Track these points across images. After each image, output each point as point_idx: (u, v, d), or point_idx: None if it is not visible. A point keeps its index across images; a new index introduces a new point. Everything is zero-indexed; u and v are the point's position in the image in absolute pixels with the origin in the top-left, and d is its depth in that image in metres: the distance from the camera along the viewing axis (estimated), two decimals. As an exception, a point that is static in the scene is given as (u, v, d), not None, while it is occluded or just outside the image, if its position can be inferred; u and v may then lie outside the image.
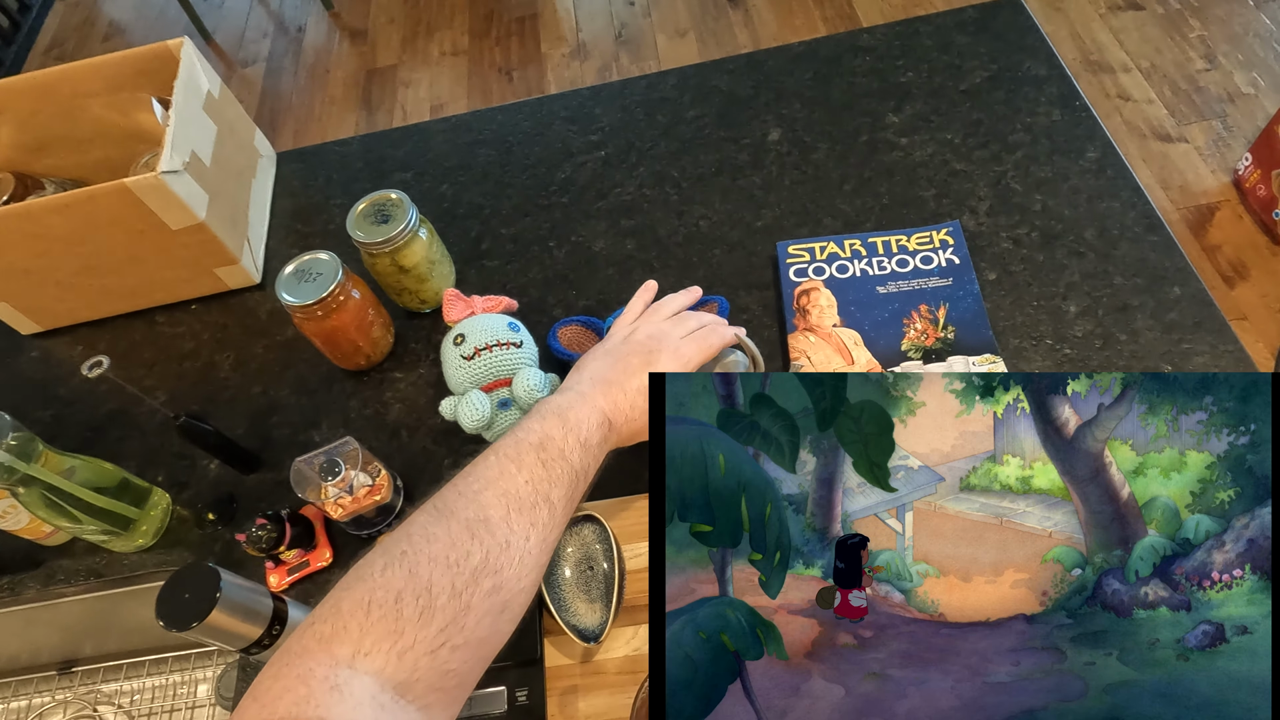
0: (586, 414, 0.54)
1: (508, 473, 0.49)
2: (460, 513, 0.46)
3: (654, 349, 0.61)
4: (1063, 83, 0.88)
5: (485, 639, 0.44)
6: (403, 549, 0.43)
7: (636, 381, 0.58)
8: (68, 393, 0.87)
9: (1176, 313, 0.71)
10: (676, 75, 0.99)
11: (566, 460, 0.51)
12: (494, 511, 0.46)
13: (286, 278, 0.73)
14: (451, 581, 0.42)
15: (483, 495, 0.47)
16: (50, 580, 0.76)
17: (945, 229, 0.77)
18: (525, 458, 0.50)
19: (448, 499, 0.47)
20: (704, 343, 0.63)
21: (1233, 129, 1.87)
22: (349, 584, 0.42)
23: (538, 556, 0.47)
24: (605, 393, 0.57)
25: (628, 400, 0.57)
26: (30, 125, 0.86)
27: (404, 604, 0.41)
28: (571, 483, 0.51)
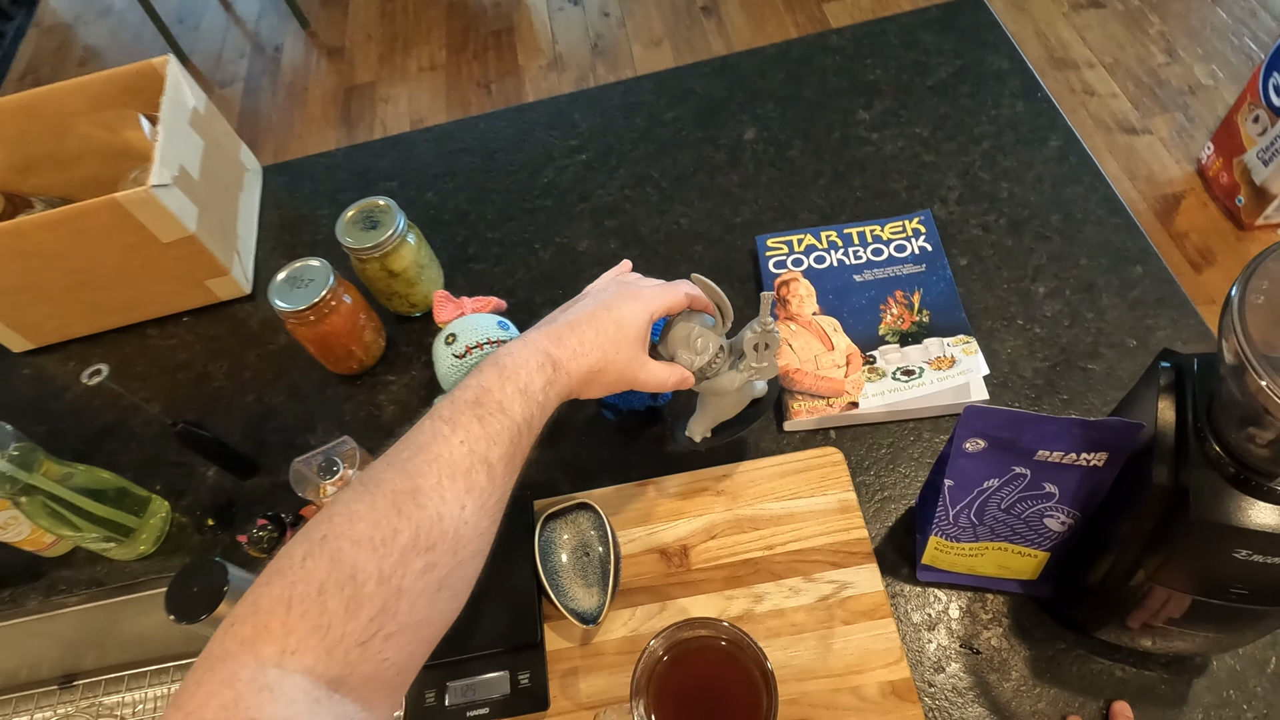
0: (525, 356, 0.49)
1: (440, 435, 0.44)
2: (386, 485, 0.42)
3: (611, 290, 0.56)
4: (1025, 76, 0.91)
5: (424, 621, 0.41)
6: (323, 533, 0.40)
7: (585, 316, 0.53)
8: (61, 407, 0.87)
9: (1140, 290, 0.74)
10: (653, 80, 1.01)
11: (505, 413, 0.46)
12: (424, 480, 0.42)
13: (279, 284, 0.75)
14: (379, 566, 0.39)
15: (412, 463, 0.43)
16: (52, 591, 0.77)
17: (917, 218, 0.80)
18: (460, 417, 0.45)
19: (375, 470, 0.43)
20: (669, 291, 0.57)
21: (1194, 120, 1.92)
22: (269, 578, 0.39)
23: (476, 525, 0.43)
24: (550, 332, 0.52)
25: (575, 336, 0.52)
26: (18, 145, 0.87)
27: (328, 596, 0.37)
28: (513, 438, 0.46)
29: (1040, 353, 0.72)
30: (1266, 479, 0.42)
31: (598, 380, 0.53)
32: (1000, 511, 0.55)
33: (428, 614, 0.41)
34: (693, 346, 0.58)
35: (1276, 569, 0.43)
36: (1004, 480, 0.53)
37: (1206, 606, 0.47)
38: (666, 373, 0.57)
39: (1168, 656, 0.58)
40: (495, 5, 2.66)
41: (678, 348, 0.58)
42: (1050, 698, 0.58)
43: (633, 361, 0.54)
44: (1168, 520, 0.45)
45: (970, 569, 0.61)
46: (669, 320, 0.60)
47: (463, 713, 0.61)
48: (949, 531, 0.57)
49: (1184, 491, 0.44)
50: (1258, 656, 0.57)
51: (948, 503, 0.55)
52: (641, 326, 0.55)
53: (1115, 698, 0.57)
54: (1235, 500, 0.43)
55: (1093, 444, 0.48)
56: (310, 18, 2.76)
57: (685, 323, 0.59)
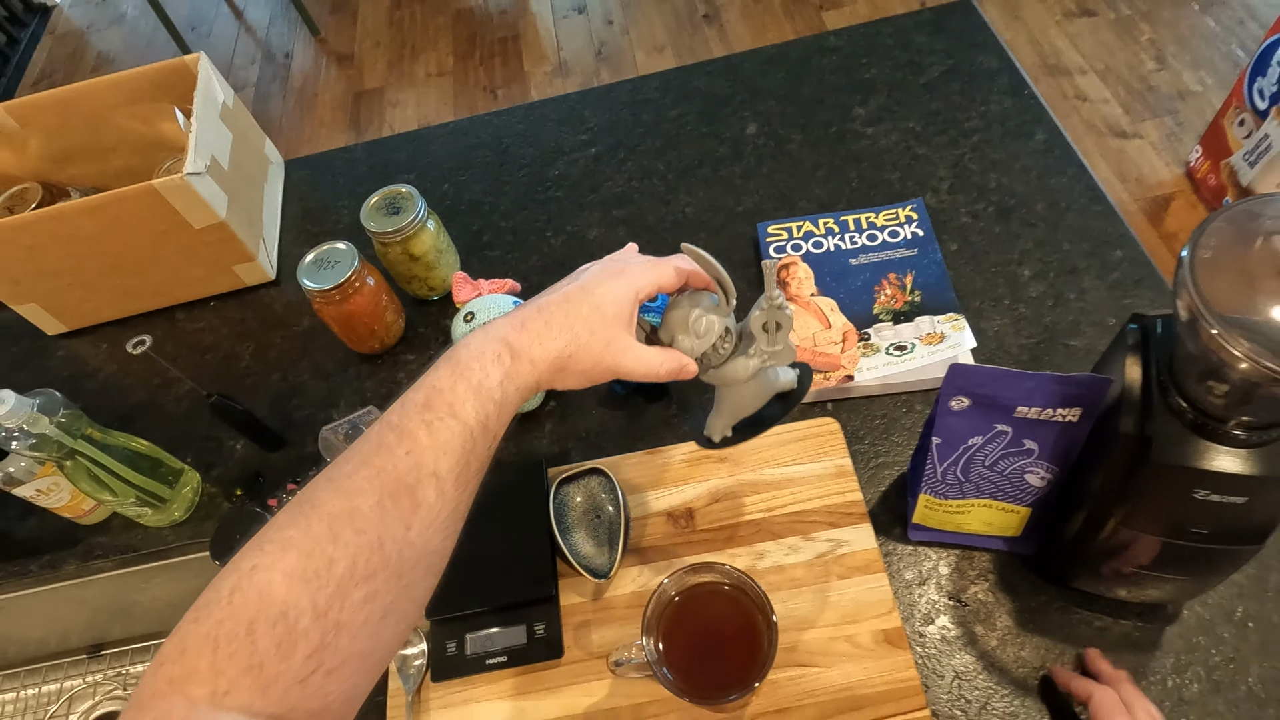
0: (481, 347, 0.44)
1: (385, 445, 0.41)
2: (323, 508, 0.38)
3: (594, 269, 0.51)
4: (1012, 74, 0.96)
5: (369, 651, 0.39)
6: (253, 563, 0.37)
7: (557, 298, 0.47)
8: (95, 386, 0.92)
9: (1119, 273, 0.79)
10: (659, 79, 1.06)
11: (456, 417, 0.41)
12: (363, 500, 0.39)
13: (307, 265, 0.79)
14: (312, 600, 0.36)
15: (352, 479, 0.39)
16: (89, 556, 0.80)
17: (910, 205, 0.84)
18: (408, 423, 0.41)
19: (314, 488, 0.40)
20: (657, 267, 0.51)
21: (1183, 124, 1.97)
22: (196, 613, 0.36)
23: (425, 545, 0.40)
24: (514, 316, 0.47)
25: (541, 319, 0.46)
26: (57, 137, 0.92)
27: (257, 635, 0.35)
28: (465, 444, 0.41)
29: (1025, 330, 0.77)
30: (1222, 424, 0.46)
31: (571, 368, 0.47)
32: (985, 469, 0.59)
33: (373, 644, 0.39)
34: (693, 330, 0.51)
35: (1233, 508, 0.48)
36: (987, 437, 0.57)
37: (1172, 549, 0.52)
38: (657, 358, 0.50)
39: (1141, 606, 0.62)
40: (501, 13, 2.72)
41: (676, 331, 0.51)
42: (1033, 646, 0.62)
43: (612, 345, 0.47)
44: (1134, 466, 0.50)
45: (958, 526, 0.65)
46: (669, 302, 0.54)
47: (481, 661, 0.65)
48: (937, 489, 0.61)
49: (1148, 439, 0.48)
50: (1225, 606, 0.61)
51: (936, 460, 0.59)
52: (623, 306, 0.48)
53: (1093, 646, 0.61)
54: (1194, 445, 0.47)
55: (1067, 399, 0.52)
56: (320, 25, 2.82)
57: (685, 304, 0.52)
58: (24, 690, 0.98)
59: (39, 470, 0.74)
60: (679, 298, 0.53)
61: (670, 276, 0.51)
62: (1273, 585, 0.61)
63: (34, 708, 0.97)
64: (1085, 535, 0.56)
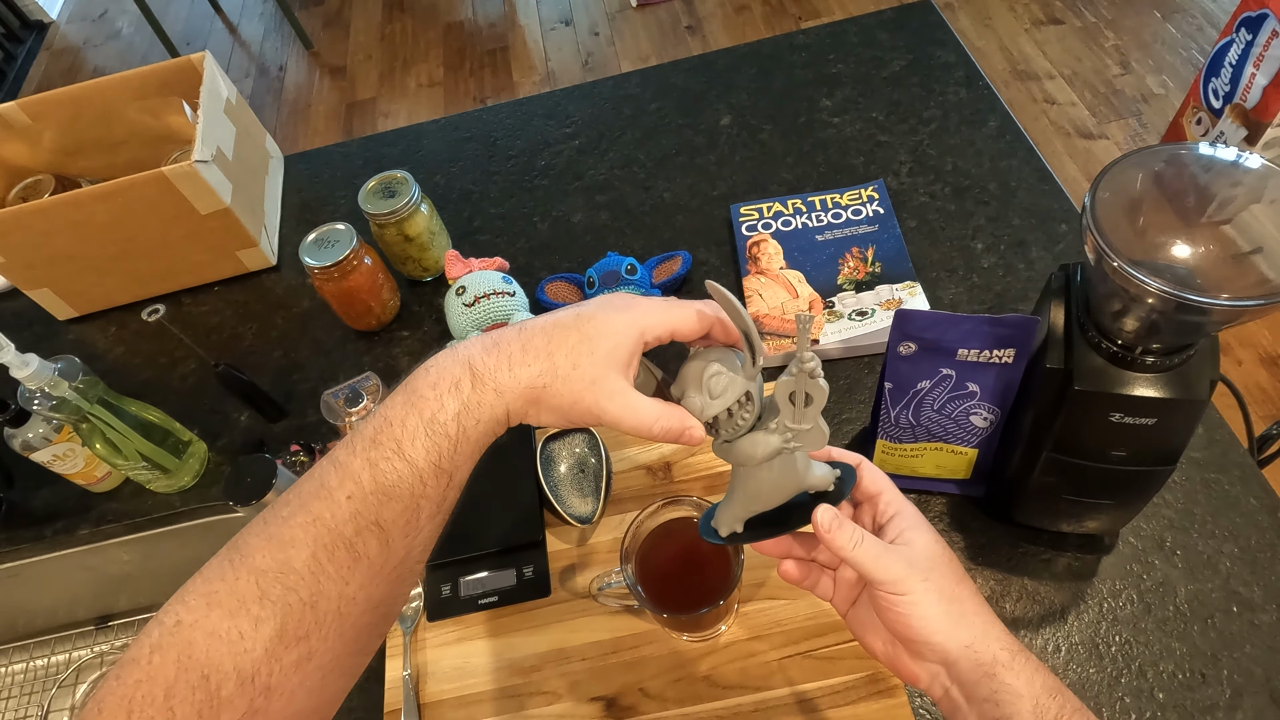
0: (440, 373, 0.39)
1: (326, 488, 0.37)
2: (252, 558, 0.35)
3: (601, 299, 0.44)
4: (968, 67, 1.03)
5: (311, 710, 0.36)
6: (177, 617, 0.34)
7: (546, 322, 0.42)
8: (104, 367, 0.96)
9: (1064, 244, 0.85)
10: (639, 75, 1.12)
11: (403, 456, 0.37)
12: (297, 553, 0.35)
13: (309, 245, 0.84)
14: (236, 665, 0.33)
15: (288, 526, 0.36)
16: (100, 522, 0.85)
17: (871, 187, 0.90)
18: (353, 461, 0.37)
19: (249, 532, 0.37)
20: (676, 308, 0.43)
21: (1147, 125, 2.06)
22: (120, 669, 0.34)
23: (368, 599, 0.36)
24: (486, 337, 0.41)
25: (518, 341, 0.40)
26: (69, 130, 0.97)
27: (175, 702, 0.32)
28: (413, 489, 0.37)
29: (979, 297, 0.83)
30: (1131, 353, 0.52)
31: (545, 401, 0.40)
32: (933, 411, 0.64)
33: (314, 702, 0.36)
34: (707, 387, 0.43)
35: (1146, 430, 0.53)
36: (934, 381, 0.62)
37: (1097, 473, 0.57)
38: (652, 412, 0.41)
39: (1081, 538, 0.67)
40: (490, 26, 2.80)
41: (688, 386, 0.44)
42: (984, 578, 0.67)
43: (598, 384, 0.40)
44: (1060, 397, 0.55)
45: (913, 470, 0.70)
46: (689, 355, 0.46)
47: (474, 601, 0.69)
48: (892, 433, 0.67)
49: (1070, 371, 0.54)
50: (1156, 536, 0.67)
51: (889, 404, 0.65)
52: (621, 342, 0.41)
53: (1038, 577, 0.66)
54: (1109, 373, 0.53)
55: (1001, 340, 0.58)
56: (313, 39, 2.89)
57: (703, 357, 0.44)
58: (33, 661, 1.02)
59: (55, 437, 0.79)
60: (699, 350, 0.45)
61: (690, 321, 0.43)
62: (1198, 517, 0.67)
63: (43, 677, 1.01)
64: (1024, 469, 0.62)
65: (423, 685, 0.68)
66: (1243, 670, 0.60)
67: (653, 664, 0.66)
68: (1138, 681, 0.61)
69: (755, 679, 0.64)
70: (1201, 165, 0.50)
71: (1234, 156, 0.48)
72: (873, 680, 0.63)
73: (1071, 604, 0.65)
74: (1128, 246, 0.47)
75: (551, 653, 0.67)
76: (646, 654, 0.66)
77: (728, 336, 0.44)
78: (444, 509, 0.39)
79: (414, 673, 0.68)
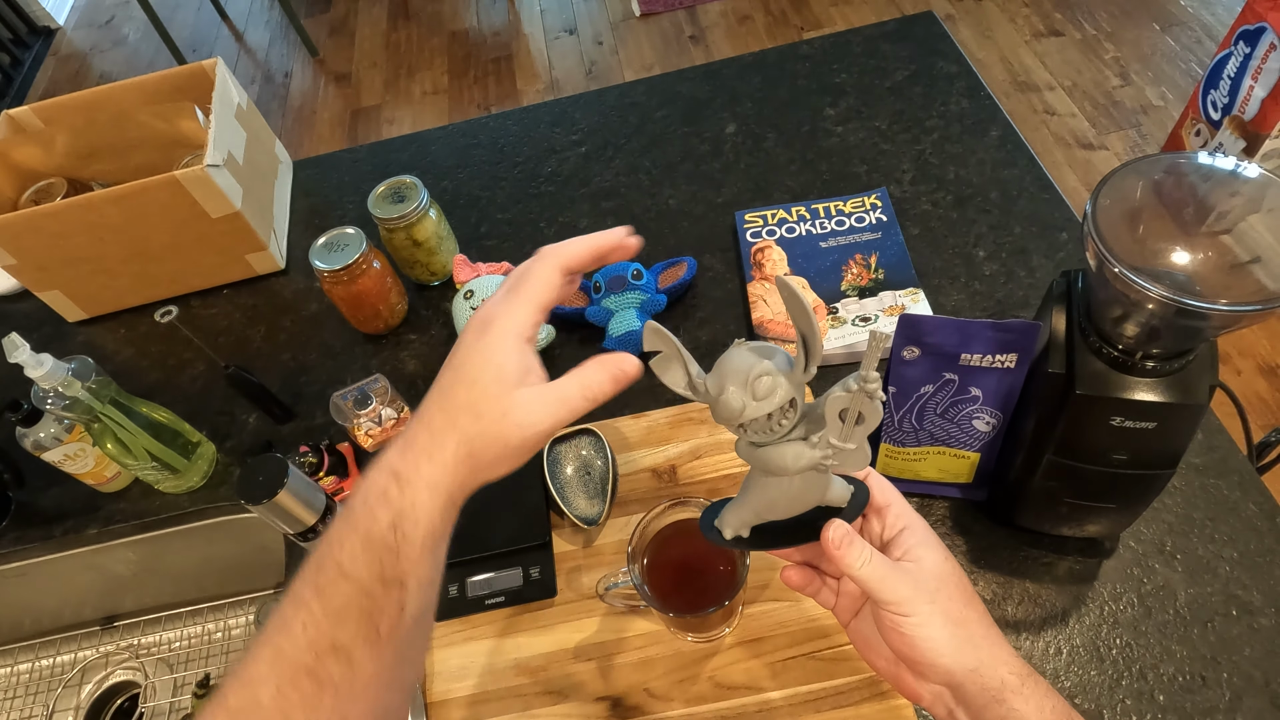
0: (369, 487, 0.38)
1: (284, 619, 0.36)
2: (225, 701, 0.36)
3: (459, 344, 0.41)
4: (970, 78, 1.04)
5: None
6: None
7: (432, 396, 0.40)
8: (114, 368, 0.97)
9: (1065, 253, 0.86)
10: (644, 84, 1.14)
11: (346, 577, 0.36)
12: (263, 690, 0.35)
13: (318, 248, 0.85)
14: None
15: (255, 665, 0.36)
16: (109, 523, 0.85)
17: (874, 194, 0.92)
18: (304, 590, 0.37)
19: (226, 677, 0.37)
20: (526, 280, 0.42)
21: (1146, 136, 2.07)
22: None
23: (347, 715, 0.36)
24: (399, 438, 0.39)
25: (424, 427, 0.39)
26: (83, 134, 0.99)
27: None
28: (363, 605, 0.36)
29: (981, 304, 0.84)
30: (1132, 358, 0.53)
31: (483, 463, 0.38)
32: (936, 416, 0.65)
33: None
34: (751, 387, 0.39)
35: (1146, 433, 0.54)
36: (937, 386, 0.63)
37: (1099, 476, 0.58)
38: (574, 389, 0.40)
39: (1082, 542, 0.68)
40: (495, 34, 2.82)
41: (730, 382, 0.40)
42: (986, 581, 0.68)
43: (510, 413, 0.38)
44: (1062, 401, 0.56)
45: (916, 474, 0.71)
46: (732, 347, 0.41)
47: (481, 601, 0.70)
48: (895, 437, 0.68)
49: (1071, 376, 0.55)
50: (1156, 540, 0.67)
51: (892, 409, 0.66)
52: (503, 362, 0.39)
53: (1039, 580, 0.67)
54: (1110, 378, 0.54)
55: (1004, 345, 0.59)
56: (318, 46, 2.91)
57: (750, 353, 0.40)
58: (39, 661, 1.02)
59: (66, 437, 0.80)
60: (744, 342, 0.41)
61: (550, 277, 0.41)
62: (1198, 521, 0.67)
63: (48, 677, 1.01)
64: (1026, 473, 0.63)
65: (429, 685, 0.68)
66: (1242, 673, 0.61)
67: (658, 664, 0.66)
68: (1138, 684, 0.61)
69: (759, 680, 0.65)
70: (1201, 174, 0.51)
71: (1233, 166, 0.49)
72: (876, 682, 0.63)
73: (1073, 607, 0.66)
74: (1128, 253, 0.48)
75: (557, 653, 0.68)
76: (652, 654, 0.67)
77: (609, 253, 0.43)
78: (410, 614, 0.37)
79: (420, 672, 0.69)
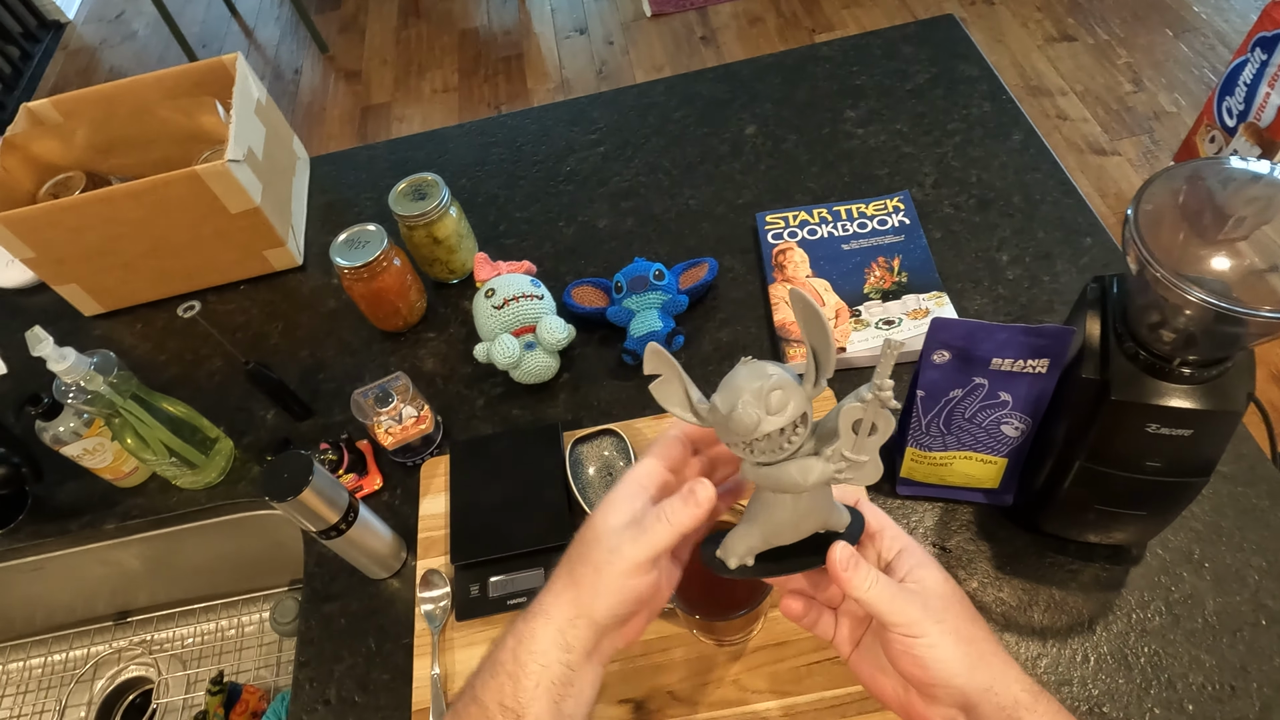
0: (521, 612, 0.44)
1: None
2: None
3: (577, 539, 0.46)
4: (991, 81, 1.04)
5: None
6: None
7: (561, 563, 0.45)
8: (131, 363, 0.96)
9: (1089, 257, 0.86)
10: (663, 84, 1.13)
11: (476, 700, 0.42)
12: None
13: (339, 245, 0.85)
14: None
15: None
16: (126, 517, 0.85)
17: (897, 197, 0.91)
18: (449, 715, 0.43)
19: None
20: (648, 455, 0.47)
21: (1159, 142, 2.07)
22: None
23: None
24: None
25: (551, 579, 0.45)
26: (103, 128, 0.98)
27: None
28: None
29: (1004, 309, 0.83)
30: (1169, 364, 0.52)
31: (585, 597, 0.43)
32: (965, 420, 0.65)
33: None
34: (766, 401, 0.39)
35: (1181, 441, 0.54)
36: (966, 390, 0.63)
37: (1131, 483, 0.58)
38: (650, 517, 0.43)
39: (1109, 549, 0.67)
40: (505, 33, 2.82)
41: (741, 397, 0.39)
42: (1011, 587, 0.68)
43: (599, 541, 0.43)
44: (1096, 407, 0.56)
45: (941, 479, 0.71)
46: (739, 365, 0.41)
47: (503, 601, 0.70)
48: (922, 441, 0.67)
49: (1107, 381, 0.55)
50: (1184, 548, 0.67)
51: (920, 413, 0.65)
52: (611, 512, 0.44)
53: (1065, 587, 0.67)
54: (1147, 384, 0.53)
55: (1036, 350, 0.59)
56: (329, 43, 2.91)
57: (758, 367, 0.40)
58: (51, 656, 1.02)
59: (86, 431, 0.79)
60: (750, 359, 0.41)
61: (665, 446, 0.47)
62: (1226, 529, 0.67)
63: (60, 672, 1.01)
64: (1055, 479, 0.62)
65: (451, 684, 0.68)
66: (1272, 683, 0.60)
67: (681, 668, 0.66)
68: (1167, 693, 0.61)
69: (783, 684, 0.64)
70: (1243, 180, 0.50)
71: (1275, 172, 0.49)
72: (902, 687, 0.63)
73: (1099, 615, 0.65)
74: (1169, 258, 0.48)
75: (579, 654, 0.68)
76: (675, 658, 0.66)
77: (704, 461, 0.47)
78: None
79: (442, 672, 0.68)
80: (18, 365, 0.99)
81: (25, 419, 0.77)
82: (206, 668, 0.98)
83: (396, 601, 0.74)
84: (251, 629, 1.00)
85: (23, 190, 0.98)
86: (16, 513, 0.86)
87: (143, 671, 1.00)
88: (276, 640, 0.98)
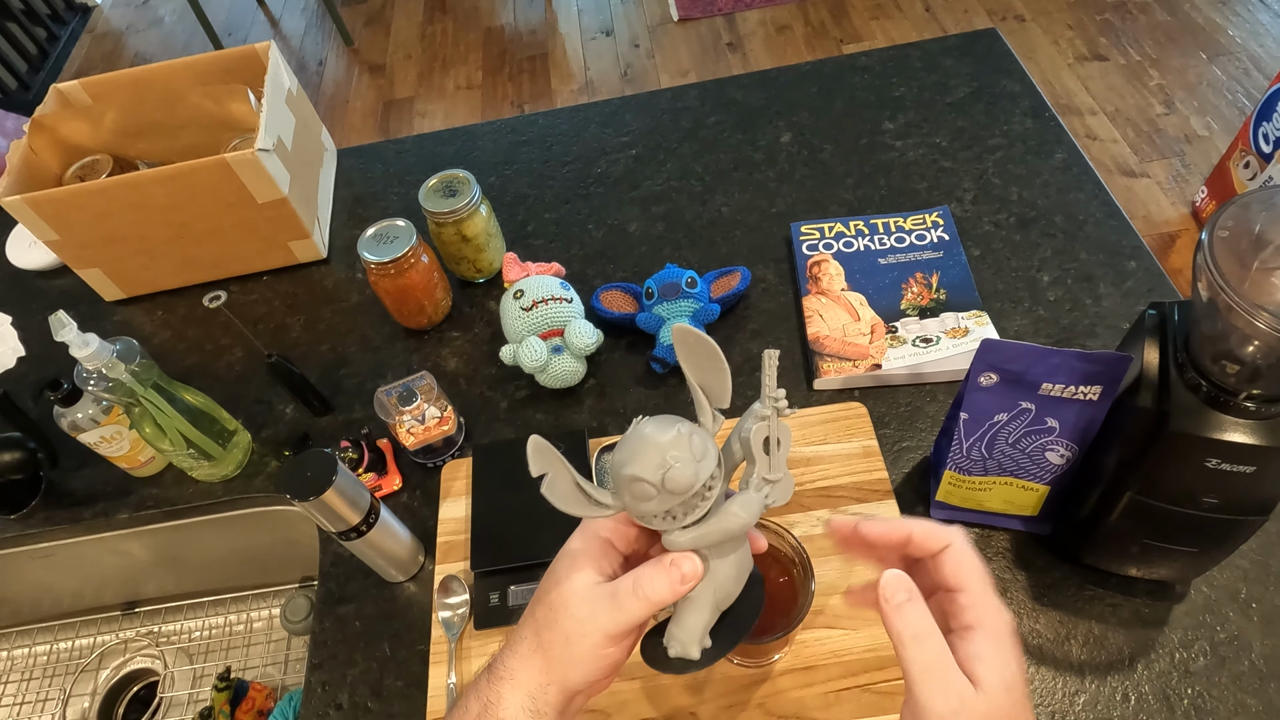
0: (482, 671, 0.43)
1: None
2: None
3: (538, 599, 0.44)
4: (1034, 98, 1.02)
5: None
6: None
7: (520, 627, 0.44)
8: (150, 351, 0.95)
9: (1133, 281, 0.83)
10: (697, 89, 1.12)
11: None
12: None
13: (367, 239, 0.83)
14: None
15: None
16: (140, 507, 0.84)
17: (936, 212, 0.89)
18: None
19: None
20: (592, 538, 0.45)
21: (1190, 166, 2.04)
22: None
23: None
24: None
25: (510, 642, 0.44)
26: (132, 113, 0.97)
27: None
28: None
29: (1044, 331, 0.81)
30: (1234, 397, 0.50)
31: (554, 665, 0.41)
32: (1008, 445, 0.63)
33: None
34: (693, 449, 0.36)
35: (1242, 478, 0.52)
36: (1012, 415, 0.61)
37: (1185, 519, 0.55)
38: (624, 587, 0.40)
39: (1151, 584, 0.65)
40: (531, 32, 2.81)
41: (668, 455, 0.36)
42: (1047, 619, 0.66)
43: (566, 607, 0.41)
44: (1152, 438, 0.54)
45: (979, 504, 0.69)
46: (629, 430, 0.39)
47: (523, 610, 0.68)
48: (962, 465, 0.65)
49: (1165, 412, 0.52)
50: (1230, 587, 0.65)
51: (962, 435, 0.63)
52: (576, 572, 0.43)
53: (1104, 621, 0.64)
54: (1208, 416, 0.51)
55: (1089, 376, 0.57)
56: (354, 36, 2.90)
57: (659, 418, 0.37)
58: (57, 643, 1.01)
59: (104, 419, 0.78)
60: (643, 419, 0.38)
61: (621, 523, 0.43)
62: (1274, 569, 0.65)
63: (65, 660, 0.99)
64: (1101, 510, 0.60)
65: (467, 695, 0.66)
66: (1322, 732, 0.58)
67: (706, 688, 0.64)
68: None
69: (810, 710, 0.62)
70: (1321, 209, 0.48)
71: (1355, 201, 0.47)
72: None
73: (1140, 653, 0.63)
74: (1240, 285, 0.46)
75: (600, 669, 0.66)
76: (700, 677, 0.64)
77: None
78: None
79: (459, 681, 0.66)
80: (36, 349, 0.98)
81: (43, 404, 0.76)
82: (214, 662, 0.97)
83: (413, 606, 0.72)
84: (260, 625, 0.98)
85: (49, 172, 0.97)
86: (30, 498, 0.85)
87: (149, 663, 0.98)
88: (285, 637, 0.97)
